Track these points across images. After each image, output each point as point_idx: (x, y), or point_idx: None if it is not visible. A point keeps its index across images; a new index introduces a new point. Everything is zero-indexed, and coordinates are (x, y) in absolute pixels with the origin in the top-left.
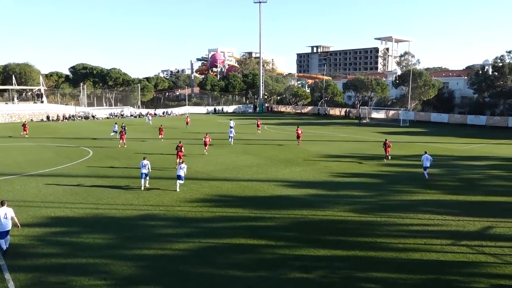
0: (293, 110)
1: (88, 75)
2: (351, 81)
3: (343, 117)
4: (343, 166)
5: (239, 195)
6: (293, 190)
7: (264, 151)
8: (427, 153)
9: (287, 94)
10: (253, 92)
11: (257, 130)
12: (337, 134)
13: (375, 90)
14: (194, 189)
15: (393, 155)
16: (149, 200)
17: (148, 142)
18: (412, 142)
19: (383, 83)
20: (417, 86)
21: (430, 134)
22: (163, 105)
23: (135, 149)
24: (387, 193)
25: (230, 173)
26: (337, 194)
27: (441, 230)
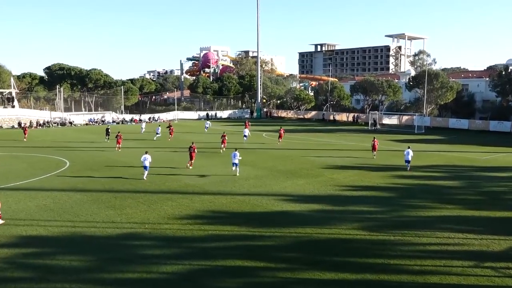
0: (294, 115)
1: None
2: (359, 83)
3: (350, 123)
4: (351, 178)
5: (234, 211)
6: (295, 205)
7: (262, 161)
8: (410, 148)
9: (288, 98)
10: (250, 96)
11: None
12: (344, 142)
13: (386, 93)
14: (183, 205)
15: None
16: (133, 216)
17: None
18: (428, 151)
19: (395, 85)
20: (433, 89)
21: (448, 142)
22: (149, 110)
23: (117, 159)
24: (401, 208)
25: (224, 186)
26: (344, 210)
27: (462, 250)
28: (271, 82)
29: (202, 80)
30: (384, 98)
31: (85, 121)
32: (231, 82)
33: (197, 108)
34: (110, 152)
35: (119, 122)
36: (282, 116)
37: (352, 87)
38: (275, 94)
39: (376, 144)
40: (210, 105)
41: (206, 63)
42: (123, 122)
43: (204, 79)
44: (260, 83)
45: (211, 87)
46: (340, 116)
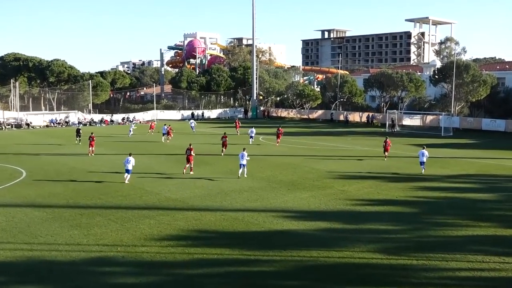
0: (297, 115)
1: (21, 68)
2: (374, 76)
3: (364, 124)
4: (365, 190)
5: (225, 231)
6: (299, 223)
7: (259, 170)
8: (424, 148)
9: (289, 94)
10: (244, 92)
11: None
12: (356, 147)
13: (407, 88)
14: (164, 223)
15: (432, 175)
16: (103, 237)
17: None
18: (457, 157)
19: (417, 78)
20: (463, 83)
21: (481, 146)
22: (123, 109)
23: (85, 168)
24: (425, 227)
25: (213, 200)
26: (357, 228)
27: (499, 277)
28: (269, 75)
29: (186, 73)
30: (404, 95)
31: (46, 122)
32: (221, 75)
33: (180, 106)
34: (78, 159)
35: (86, 124)
36: (283, 116)
37: (366, 81)
38: (274, 90)
39: (388, 145)
40: (196, 102)
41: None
42: (91, 124)
43: (189, 71)
44: (256, 76)
45: (197, 81)
46: (351, 116)
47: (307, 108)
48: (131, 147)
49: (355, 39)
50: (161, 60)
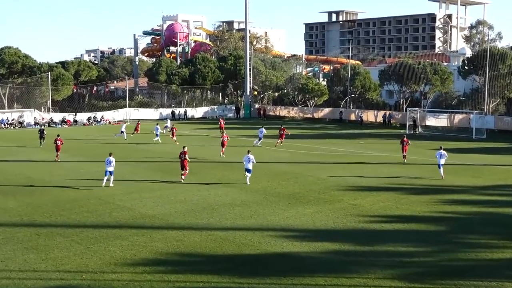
0: (299, 114)
1: None
2: (392, 67)
3: (380, 125)
4: (381, 204)
5: (212, 254)
6: (301, 245)
7: (253, 181)
8: (442, 148)
9: (290, 89)
10: (235, 86)
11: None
12: (370, 152)
13: (431, 81)
14: (138, 244)
15: (462, 185)
16: (65, 262)
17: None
18: (492, 164)
19: (443, 70)
20: (498, 75)
21: None
22: (89, 107)
23: (45, 178)
24: (453, 248)
25: (198, 217)
26: (372, 251)
27: None
28: (266, 66)
29: (165, 64)
30: (427, 89)
31: None
32: (208, 66)
33: (159, 103)
34: (36, 166)
35: (44, 125)
36: (282, 116)
37: (381, 73)
38: (272, 84)
39: (407, 143)
40: (177, 99)
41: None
42: (50, 124)
43: (169, 62)
44: (249, 67)
45: (179, 73)
46: (365, 114)
47: (311, 105)
48: (100, 152)
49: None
50: (135, 48)
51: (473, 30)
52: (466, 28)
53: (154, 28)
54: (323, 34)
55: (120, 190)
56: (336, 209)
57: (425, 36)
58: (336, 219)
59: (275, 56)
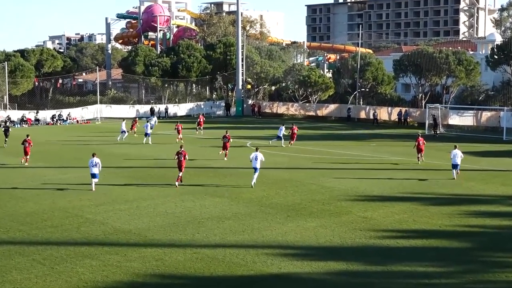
0: (300, 111)
1: None
2: (409, 56)
3: (394, 124)
4: (396, 217)
5: (198, 275)
6: (303, 264)
7: (247, 189)
8: (457, 147)
9: (289, 82)
10: (225, 79)
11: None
12: (383, 156)
13: (454, 73)
14: (112, 264)
15: (490, 195)
16: (25, 285)
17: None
18: None
19: (469, 60)
20: None
21: None
22: (54, 103)
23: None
24: (481, 268)
25: (181, 232)
26: (386, 271)
27: None
28: (261, 55)
29: (143, 52)
30: (450, 82)
31: None
32: (193, 55)
33: (135, 99)
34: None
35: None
36: (280, 113)
37: (397, 63)
38: (268, 76)
39: (423, 143)
40: (157, 94)
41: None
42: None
43: (147, 50)
44: (242, 56)
45: (159, 63)
46: (376, 112)
47: (315, 101)
48: (67, 157)
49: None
50: (107, 34)
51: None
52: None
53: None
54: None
55: (90, 201)
56: (343, 223)
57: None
58: (343, 234)
59: (272, 44)
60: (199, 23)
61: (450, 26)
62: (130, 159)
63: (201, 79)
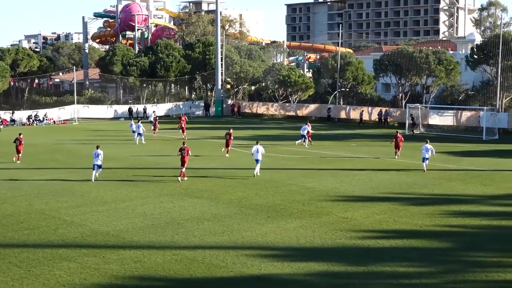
0: (280, 111)
1: None
2: (389, 56)
3: (375, 124)
4: (376, 217)
5: (178, 277)
6: (283, 265)
7: (226, 191)
8: (428, 142)
9: (269, 82)
10: (204, 79)
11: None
12: (364, 156)
13: (434, 73)
14: (90, 267)
15: (470, 195)
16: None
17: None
18: (505, 170)
19: (449, 59)
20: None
21: None
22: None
23: None
24: (461, 268)
25: (160, 233)
26: (366, 272)
27: None
28: (241, 54)
29: (120, 52)
30: (430, 82)
31: None
32: (172, 54)
33: (113, 99)
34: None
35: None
36: (260, 113)
37: (377, 63)
38: (248, 76)
39: (400, 140)
40: (135, 94)
41: (127, 22)
42: None
43: (125, 49)
44: (221, 56)
45: (137, 63)
46: (356, 111)
47: (295, 101)
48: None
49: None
50: (84, 33)
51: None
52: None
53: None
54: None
55: (68, 202)
56: (324, 223)
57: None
58: (324, 235)
59: (252, 43)
60: (177, 22)
61: (430, 25)
62: (108, 160)
63: (180, 79)
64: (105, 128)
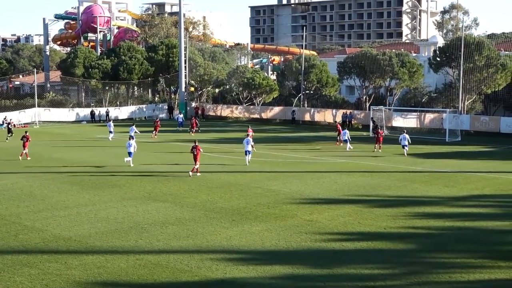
0: (244, 114)
1: None
2: (353, 58)
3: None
4: (341, 219)
5: (142, 282)
6: (248, 269)
7: (190, 194)
8: (405, 131)
9: (233, 84)
10: (167, 81)
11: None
12: (328, 159)
13: (397, 75)
14: (51, 273)
15: (434, 196)
16: None
17: None
18: (468, 171)
19: (412, 62)
20: (474, 68)
21: (500, 156)
22: None
23: None
24: (425, 269)
25: (124, 238)
26: (331, 274)
27: None
28: (204, 57)
29: (82, 54)
30: (394, 84)
31: None
32: (135, 57)
33: (74, 102)
34: None
35: None
36: (224, 116)
37: (341, 65)
38: (212, 79)
39: (381, 135)
40: (97, 97)
41: (89, 24)
42: None
43: (87, 51)
44: (185, 58)
45: (99, 65)
46: (321, 114)
47: (259, 103)
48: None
49: (325, 6)
50: (45, 35)
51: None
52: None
53: (69, 11)
54: (272, 19)
55: (28, 207)
56: (289, 226)
57: (390, 22)
58: (289, 237)
59: (215, 45)
60: (140, 24)
61: (393, 28)
62: (70, 164)
63: (143, 82)
64: (67, 132)
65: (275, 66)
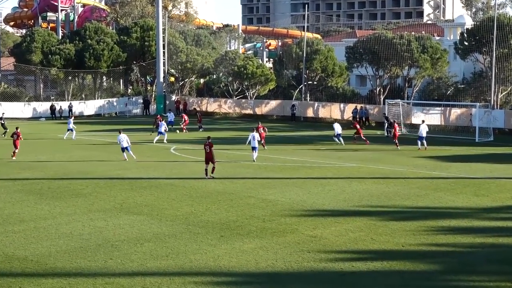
0: (235, 109)
1: None
2: (364, 42)
3: (349, 122)
4: (350, 235)
5: None
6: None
7: (170, 205)
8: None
9: (221, 74)
10: (142, 70)
11: None
12: (335, 163)
13: (418, 62)
14: None
15: (461, 207)
16: None
17: None
18: (502, 178)
19: (435, 46)
20: (509, 54)
21: None
22: None
23: None
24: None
25: (91, 257)
26: None
27: None
28: (187, 41)
29: (40, 37)
30: (413, 74)
31: None
32: (103, 41)
33: (31, 95)
34: None
35: None
36: (210, 111)
37: (350, 51)
38: (196, 67)
39: (396, 129)
40: (58, 88)
41: (48, 1)
42: None
43: (46, 34)
44: (163, 43)
45: (61, 51)
46: (326, 109)
47: (252, 96)
48: None
49: None
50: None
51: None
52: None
53: None
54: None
55: None
56: (288, 243)
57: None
58: (288, 257)
59: (200, 27)
60: (110, 2)
61: (412, 6)
62: (26, 169)
63: (113, 70)
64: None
65: (271, 52)
